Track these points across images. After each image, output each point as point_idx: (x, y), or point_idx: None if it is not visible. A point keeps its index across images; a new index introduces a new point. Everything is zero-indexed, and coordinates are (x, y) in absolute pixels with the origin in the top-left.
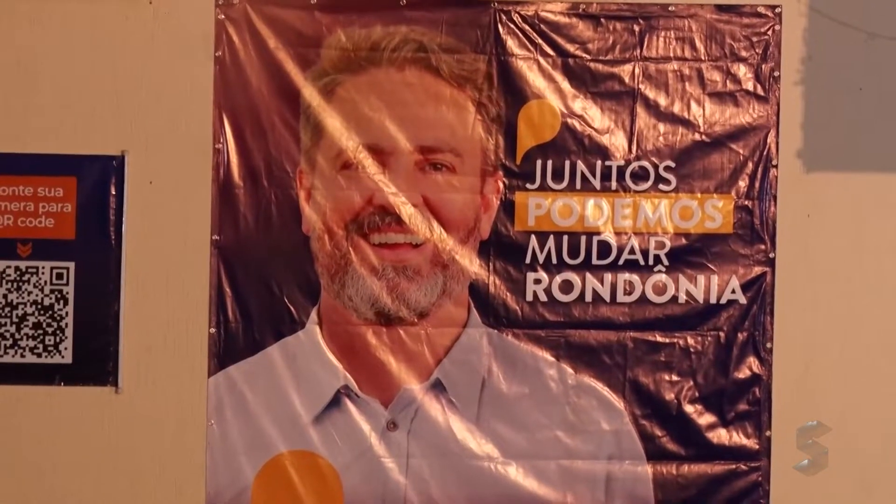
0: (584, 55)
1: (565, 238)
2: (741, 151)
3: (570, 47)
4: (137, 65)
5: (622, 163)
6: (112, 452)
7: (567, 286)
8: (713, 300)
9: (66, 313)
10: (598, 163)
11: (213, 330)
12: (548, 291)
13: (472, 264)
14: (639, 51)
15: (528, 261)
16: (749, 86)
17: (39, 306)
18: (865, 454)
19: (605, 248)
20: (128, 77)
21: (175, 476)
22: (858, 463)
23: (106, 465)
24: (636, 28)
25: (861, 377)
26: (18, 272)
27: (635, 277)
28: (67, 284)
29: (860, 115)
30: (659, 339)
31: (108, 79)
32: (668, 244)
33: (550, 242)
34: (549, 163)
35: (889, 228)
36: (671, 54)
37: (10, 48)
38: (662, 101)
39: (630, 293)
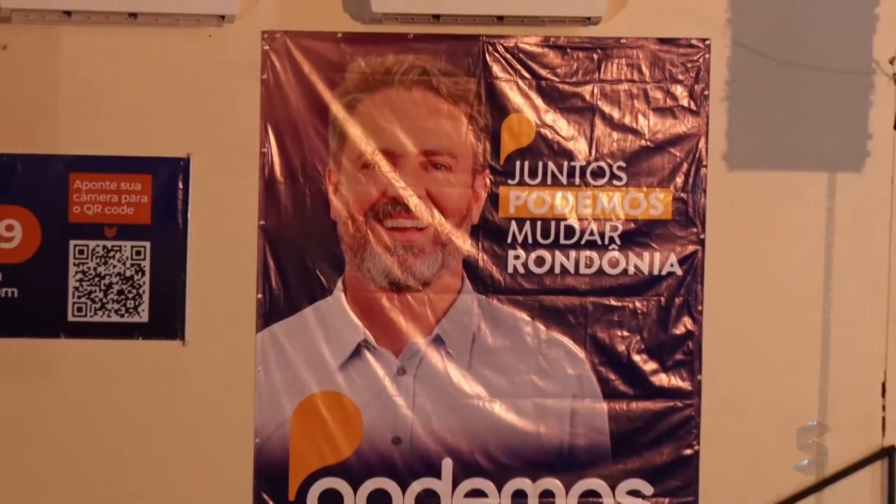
0: (553, 78)
1: (539, 223)
2: (678, 154)
3: (543, 72)
4: (199, 85)
5: (584, 163)
6: (179, 393)
7: (540, 261)
8: (656, 272)
9: (144, 282)
10: (565, 163)
11: (259, 296)
12: (525, 265)
13: (465, 243)
14: (597, 74)
15: (509, 241)
16: (684, 102)
17: (122, 277)
18: (780, 393)
19: (570, 231)
20: (192, 95)
21: (229, 412)
22: (775, 400)
23: (174, 403)
24: (595, 56)
25: (774, 331)
26: (105, 250)
27: (594, 254)
28: (144, 259)
29: (773, 125)
30: (613, 303)
31: (176, 96)
32: (620, 228)
33: (527, 226)
34: (526, 163)
35: (795, 216)
36: (622, 77)
37: (101, 74)
38: (616, 114)
39: (590, 266)
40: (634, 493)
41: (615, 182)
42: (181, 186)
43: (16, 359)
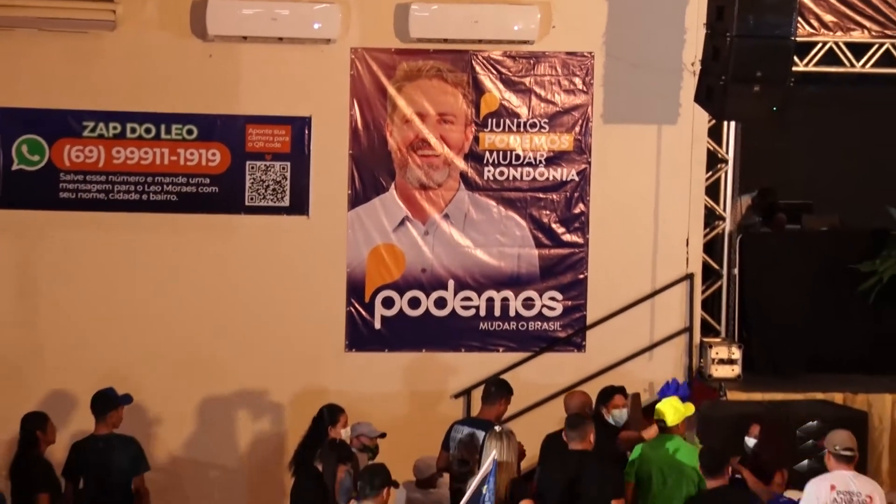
0: (508, 73)
1: (500, 152)
2: (576, 115)
3: (502, 70)
4: (318, 76)
5: (524, 120)
6: (306, 244)
7: (501, 173)
8: (564, 179)
9: (286, 185)
10: (515, 120)
11: (349, 191)
12: (493, 175)
13: (460, 163)
14: (532, 71)
15: (484, 161)
16: (580, 87)
17: (274, 181)
18: (633, 244)
19: (517, 156)
20: (314, 81)
21: (334, 254)
22: (630, 249)
23: (303, 249)
24: (531, 61)
25: (628, 212)
26: (266, 166)
27: (531, 169)
28: (287, 172)
29: (629, 99)
30: (540, 196)
31: (305, 83)
32: (545, 154)
33: (495, 154)
34: (494, 120)
35: (639, 146)
36: (546, 73)
37: (265, 69)
38: (542, 93)
39: (529, 176)
40: (552, 299)
41: (542, 130)
42: (307, 132)
43: (211, 227)
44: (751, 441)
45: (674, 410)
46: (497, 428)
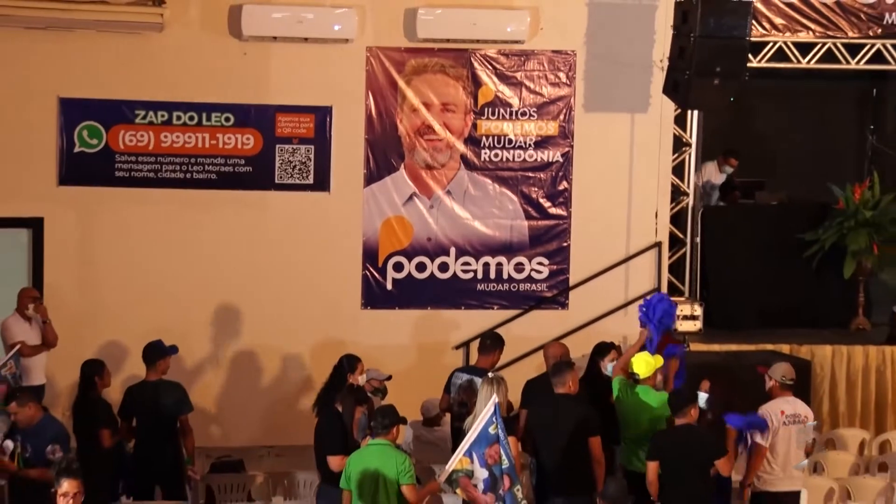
0: (502, 68)
1: (495, 137)
2: (561, 104)
3: (497, 66)
4: (338, 72)
5: (516, 109)
6: (326, 216)
7: (496, 154)
8: (550, 160)
9: (311, 164)
10: (508, 108)
11: (364, 171)
12: (489, 157)
13: (461, 147)
14: (523, 67)
15: (482, 145)
16: (564, 80)
17: (300, 161)
18: (608, 217)
19: (510, 140)
20: (334, 76)
21: (351, 224)
22: (603, 219)
23: (323, 220)
24: (522, 58)
25: (605, 188)
26: (292, 149)
27: (521, 151)
28: (311, 154)
29: (607, 91)
30: (529, 174)
31: (327, 78)
32: (533, 139)
33: (491, 139)
34: (489, 109)
35: (613, 131)
36: (535, 68)
37: (292, 65)
38: (532, 86)
39: (520, 157)
40: (539, 263)
41: (531, 118)
42: (328, 120)
43: (245, 202)
44: (703, 396)
45: (645, 364)
46: (490, 374)
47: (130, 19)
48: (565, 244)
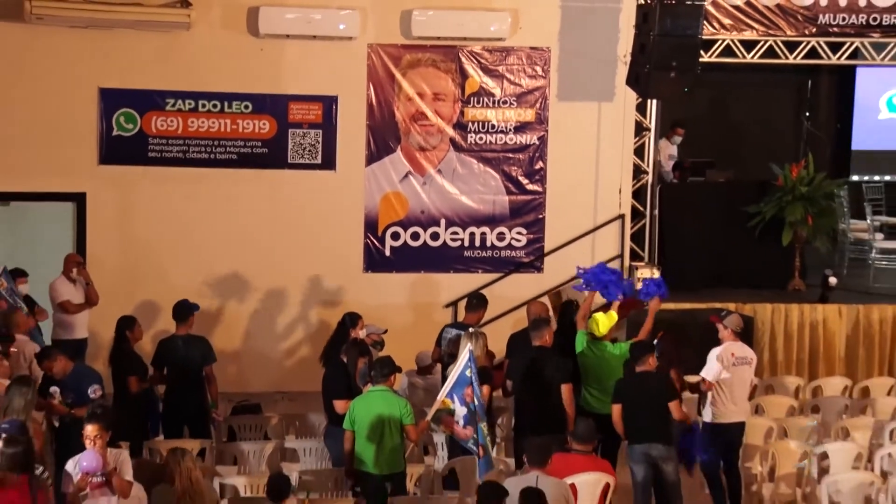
0: (486, 63)
1: (480, 122)
2: (537, 94)
3: (482, 60)
4: (342, 66)
5: (498, 98)
6: (331, 192)
7: (481, 138)
8: (527, 142)
9: (318, 146)
10: (491, 98)
11: (366, 151)
12: (475, 139)
13: (450, 131)
14: (504, 61)
15: (468, 129)
16: (540, 72)
17: (310, 143)
18: (577, 192)
19: (492, 126)
20: (339, 70)
21: (354, 199)
22: (575, 194)
23: (330, 195)
24: (503, 53)
25: (577, 166)
26: (302, 133)
27: (502, 135)
28: (319, 137)
29: (574, 81)
30: (510, 155)
31: (334, 72)
32: (513, 124)
33: (476, 124)
34: (475, 98)
35: (582, 118)
36: (515, 63)
37: (308, 61)
38: (512, 77)
39: (502, 141)
40: (518, 233)
41: (511, 106)
42: (334, 108)
43: (262, 179)
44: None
45: (602, 324)
46: (471, 329)
47: (161, 19)
48: (541, 216)
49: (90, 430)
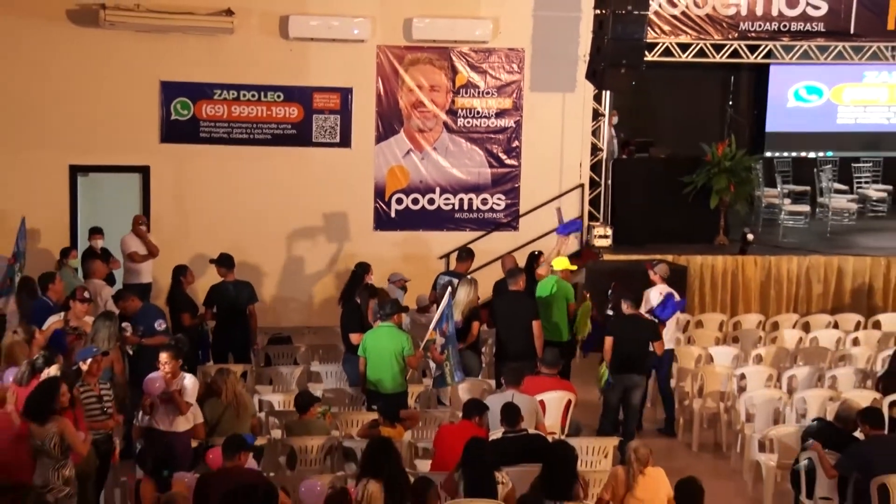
0: (472, 60)
1: (468, 109)
2: (514, 87)
3: (469, 59)
4: (355, 64)
5: (483, 90)
6: (348, 166)
7: (468, 122)
8: (505, 126)
9: (337, 127)
10: (476, 89)
11: (375, 133)
12: (464, 123)
13: (444, 116)
14: (487, 60)
15: (458, 115)
16: (516, 69)
17: (330, 125)
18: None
19: (477, 112)
20: (352, 68)
21: (364, 172)
22: (528, 171)
23: (347, 170)
24: (486, 53)
25: (544, 143)
26: (325, 117)
27: (486, 119)
28: (338, 120)
29: (540, 77)
30: (491, 135)
31: (349, 69)
32: (494, 111)
33: (465, 111)
34: (464, 89)
35: (550, 104)
36: (496, 61)
37: (331, 60)
38: (493, 73)
39: (485, 125)
40: (498, 199)
41: (493, 96)
42: (350, 97)
43: (292, 155)
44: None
45: (563, 263)
46: (468, 277)
47: (209, 25)
48: (517, 185)
49: (163, 357)
